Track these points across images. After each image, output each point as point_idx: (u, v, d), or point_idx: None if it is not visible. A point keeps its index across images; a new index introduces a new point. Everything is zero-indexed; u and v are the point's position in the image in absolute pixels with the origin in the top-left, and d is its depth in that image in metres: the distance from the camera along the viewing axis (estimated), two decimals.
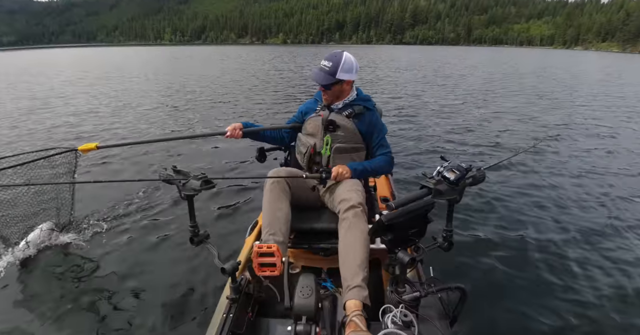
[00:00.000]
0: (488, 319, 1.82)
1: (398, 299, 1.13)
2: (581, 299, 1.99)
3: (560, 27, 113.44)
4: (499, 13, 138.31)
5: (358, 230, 1.38)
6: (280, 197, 1.50)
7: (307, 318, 1.10)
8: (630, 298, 2.01)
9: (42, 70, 19.45)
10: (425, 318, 1.12)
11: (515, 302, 1.96)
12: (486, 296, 1.97)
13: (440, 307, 1.20)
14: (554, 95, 9.58)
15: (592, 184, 3.61)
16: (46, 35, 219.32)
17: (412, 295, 1.12)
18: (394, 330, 1.02)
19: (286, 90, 10.86)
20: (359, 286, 1.25)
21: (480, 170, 1.19)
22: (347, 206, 1.43)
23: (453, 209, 1.20)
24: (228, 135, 1.69)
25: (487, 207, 3.08)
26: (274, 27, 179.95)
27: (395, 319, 1.07)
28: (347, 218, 1.41)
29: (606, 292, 2.05)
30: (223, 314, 1.28)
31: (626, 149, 4.90)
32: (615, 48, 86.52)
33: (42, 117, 7.06)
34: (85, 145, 1.61)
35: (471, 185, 1.17)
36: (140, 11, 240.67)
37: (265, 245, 1.26)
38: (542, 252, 2.43)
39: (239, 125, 1.72)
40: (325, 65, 1.61)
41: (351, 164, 1.61)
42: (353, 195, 1.46)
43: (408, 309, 1.10)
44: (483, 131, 5.76)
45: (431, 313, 1.16)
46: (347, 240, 1.38)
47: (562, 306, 1.94)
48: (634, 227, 2.77)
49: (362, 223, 1.40)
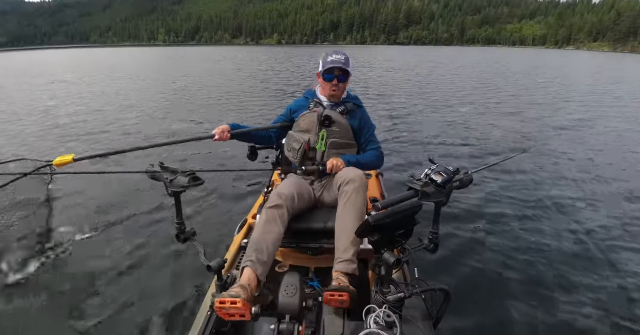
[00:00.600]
0: (472, 321, 1.85)
1: (382, 300, 1.13)
2: (565, 300, 2.02)
3: (552, 27, 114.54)
4: (492, 13, 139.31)
5: (355, 206, 1.42)
6: (274, 221, 1.42)
7: (291, 317, 1.11)
8: (615, 298, 2.04)
9: (28, 71, 19.26)
10: (408, 319, 1.13)
11: (499, 304, 1.99)
12: (470, 298, 2.00)
13: (424, 308, 1.21)
14: (545, 98, 9.64)
15: (578, 187, 3.66)
16: (38, 36, 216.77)
17: (396, 296, 1.13)
18: (376, 331, 1.03)
19: (280, 89, 10.85)
20: (349, 260, 1.35)
21: (467, 174, 1.20)
22: (347, 180, 1.47)
23: (440, 211, 1.21)
24: (216, 139, 1.68)
25: (473, 210, 3.11)
26: (269, 28, 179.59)
27: (378, 320, 1.07)
28: (347, 192, 1.45)
29: (590, 292, 2.09)
30: (208, 312, 1.29)
31: (617, 151, 4.96)
32: (606, 48, 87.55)
33: (18, 123, 6.72)
34: (60, 159, 1.41)
35: (458, 189, 1.18)
36: (133, 12, 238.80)
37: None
38: (526, 255, 2.47)
39: (226, 127, 1.71)
40: (340, 58, 1.67)
41: (345, 157, 1.66)
42: (353, 173, 1.51)
43: (392, 309, 1.10)
44: (473, 135, 5.80)
45: (415, 314, 1.17)
46: (344, 215, 1.42)
47: (546, 308, 1.97)
48: (621, 228, 2.82)
49: (361, 198, 1.44)
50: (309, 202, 1.66)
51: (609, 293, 2.09)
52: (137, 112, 7.78)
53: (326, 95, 1.77)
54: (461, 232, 2.74)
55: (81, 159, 1.41)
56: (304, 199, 1.60)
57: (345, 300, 1.18)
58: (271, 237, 1.38)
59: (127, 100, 9.37)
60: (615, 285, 2.15)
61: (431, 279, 1.23)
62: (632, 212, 3.10)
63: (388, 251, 1.15)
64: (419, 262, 2.21)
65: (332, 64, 1.67)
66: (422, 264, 2.22)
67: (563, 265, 2.36)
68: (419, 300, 1.21)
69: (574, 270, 2.31)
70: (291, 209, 1.49)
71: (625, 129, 6.39)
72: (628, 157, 4.74)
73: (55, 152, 4.54)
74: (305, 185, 1.68)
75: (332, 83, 1.70)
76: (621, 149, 5.16)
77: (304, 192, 1.62)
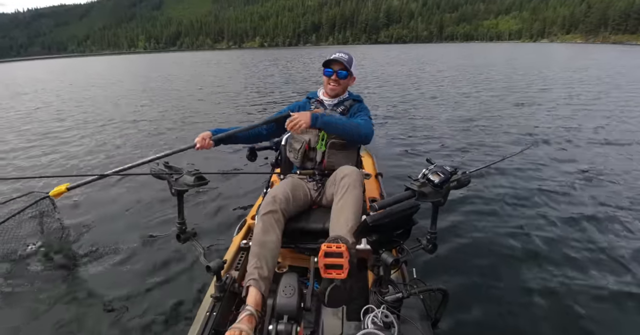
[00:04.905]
0: (470, 321, 1.84)
1: (380, 300, 1.13)
2: (564, 301, 2.01)
3: (526, 21, 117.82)
4: (469, 10, 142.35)
5: (352, 195, 1.39)
6: (271, 228, 1.42)
7: (289, 317, 1.10)
8: (615, 300, 2.02)
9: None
10: (406, 319, 1.13)
11: (497, 304, 1.98)
12: (468, 298, 2.00)
13: (422, 308, 1.21)
14: (538, 97, 9.32)
15: (577, 187, 3.57)
16: (14, 48, 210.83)
17: (394, 296, 1.12)
18: (374, 331, 1.02)
19: (269, 95, 10.79)
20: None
21: (465, 173, 1.20)
22: (343, 174, 1.46)
23: (438, 211, 1.21)
24: (198, 147, 1.61)
25: (471, 210, 3.09)
26: (250, 31, 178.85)
27: (376, 320, 1.07)
28: (344, 185, 1.42)
29: (589, 294, 2.07)
30: (207, 312, 1.28)
31: (616, 149, 4.79)
32: (579, 39, 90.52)
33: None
34: (56, 190, 1.54)
35: (456, 189, 1.17)
36: (111, 19, 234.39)
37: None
38: (524, 255, 2.45)
39: (207, 134, 1.62)
40: (343, 55, 1.68)
41: (314, 114, 1.51)
42: (351, 170, 1.49)
43: (390, 309, 1.10)
44: (470, 134, 5.70)
45: (413, 314, 1.16)
46: (340, 203, 1.39)
47: (544, 308, 1.96)
48: (620, 229, 2.76)
49: (357, 191, 1.42)
50: (305, 203, 1.65)
51: (612, 294, 2.06)
52: (124, 124, 7.49)
53: (327, 92, 1.76)
54: (459, 232, 2.73)
55: (74, 187, 1.47)
56: (300, 199, 1.60)
57: (342, 252, 1.11)
58: (269, 247, 1.37)
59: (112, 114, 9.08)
60: (621, 287, 2.11)
61: (429, 279, 1.23)
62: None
63: (386, 251, 1.15)
64: (417, 262, 2.22)
65: (332, 57, 1.68)
66: (420, 264, 2.22)
67: (564, 264, 2.33)
68: (417, 300, 1.21)
69: (575, 269, 2.28)
70: (286, 211, 1.48)
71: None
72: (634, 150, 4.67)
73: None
74: (302, 185, 1.67)
75: (332, 78, 1.70)
76: (627, 139, 5.08)
77: (300, 193, 1.62)
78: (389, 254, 1.14)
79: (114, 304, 2.01)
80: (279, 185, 1.62)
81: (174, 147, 1.70)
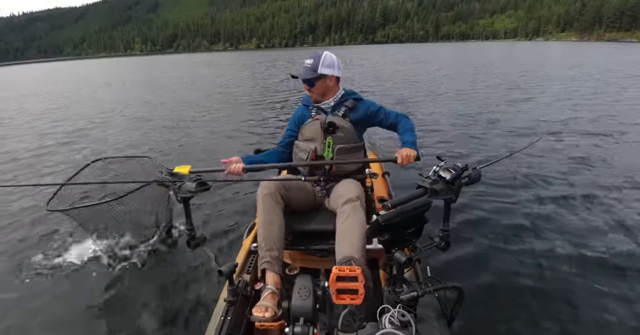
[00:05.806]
0: (486, 319, 1.81)
1: (395, 299, 1.11)
2: (581, 299, 1.95)
3: (522, 20, 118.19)
4: (465, 9, 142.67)
5: (355, 220, 1.38)
6: (273, 209, 1.47)
7: (305, 319, 1.10)
8: (632, 300, 1.95)
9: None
10: (423, 318, 1.11)
11: (513, 302, 1.94)
12: (484, 295, 1.96)
13: (438, 306, 1.19)
14: (543, 91, 9.29)
15: (592, 181, 3.48)
16: (10, 51, 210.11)
17: (409, 295, 1.11)
18: (392, 331, 1.01)
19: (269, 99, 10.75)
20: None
21: (476, 169, 1.19)
22: (345, 200, 1.43)
23: (450, 208, 1.20)
24: (227, 172, 1.52)
25: (483, 206, 3.03)
26: (247, 33, 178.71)
27: (393, 319, 1.05)
28: (345, 211, 1.41)
29: (607, 293, 2.00)
30: (221, 316, 1.27)
31: (628, 143, 4.67)
32: (574, 37, 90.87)
33: None
34: (179, 168, 1.41)
35: (467, 185, 1.17)
36: (107, 22, 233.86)
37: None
38: (540, 251, 2.39)
39: (238, 160, 1.54)
40: (308, 63, 1.65)
41: (407, 144, 1.59)
42: (352, 190, 1.47)
43: (405, 308, 1.09)
44: (479, 130, 5.62)
45: (429, 313, 1.15)
46: (343, 227, 1.37)
47: (561, 306, 1.90)
48: (636, 228, 2.65)
49: (359, 215, 1.40)
50: (309, 200, 1.66)
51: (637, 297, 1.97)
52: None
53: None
54: (472, 229, 2.69)
55: (197, 172, 1.41)
56: (303, 195, 1.62)
57: (357, 276, 1.04)
58: (275, 228, 1.44)
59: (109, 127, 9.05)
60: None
61: (443, 277, 1.21)
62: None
63: (399, 250, 1.14)
64: (431, 260, 2.21)
65: (298, 73, 1.65)
66: (434, 262, 2.19)
67: (584, 262, 2.25)
68: (432, 298, 1.19)
69: (596, 270, 2.19)
70: (285, 196, 1.53)
71: None
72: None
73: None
74: (306, 185, 1.67)
75: (305, 87, 1.70)
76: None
77: (303, 191, 1.64)
78: (401, 252, 1.13)
79: (125, 309, 2.01)
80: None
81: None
